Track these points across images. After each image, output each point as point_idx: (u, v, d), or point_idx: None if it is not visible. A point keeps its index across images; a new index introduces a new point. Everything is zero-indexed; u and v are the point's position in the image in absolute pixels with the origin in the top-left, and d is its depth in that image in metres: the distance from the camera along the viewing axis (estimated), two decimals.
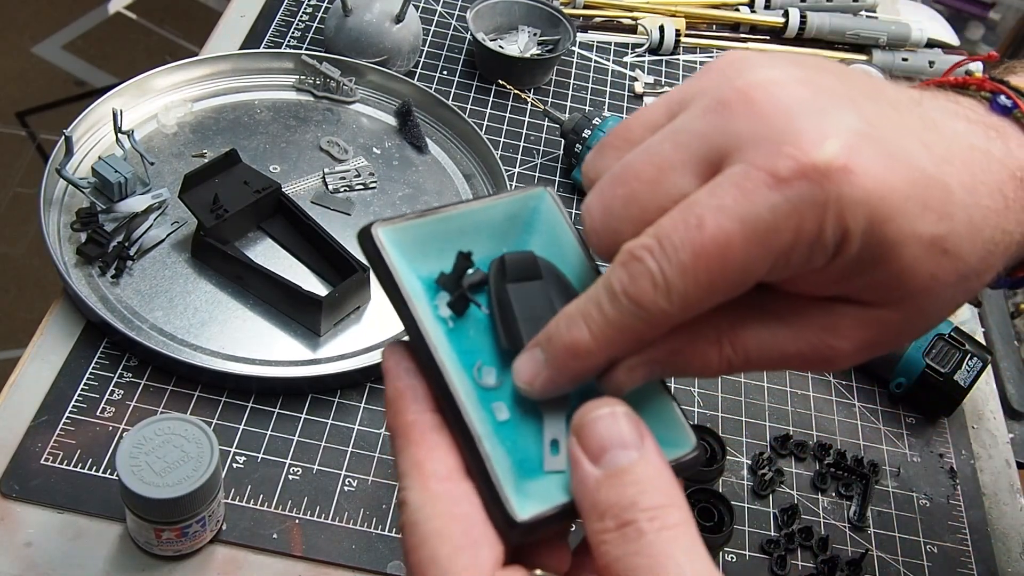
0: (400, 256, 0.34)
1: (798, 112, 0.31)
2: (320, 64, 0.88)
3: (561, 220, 0.37)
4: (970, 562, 0.69)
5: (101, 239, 0.71)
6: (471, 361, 0.34)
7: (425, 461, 0.33)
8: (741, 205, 0.30)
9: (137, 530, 0.57)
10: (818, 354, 0.34)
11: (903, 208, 0.31)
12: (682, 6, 1.11)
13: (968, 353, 0.75)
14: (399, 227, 0.34)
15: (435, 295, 0.35)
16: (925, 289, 0.33)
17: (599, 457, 0.31)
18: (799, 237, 0.30)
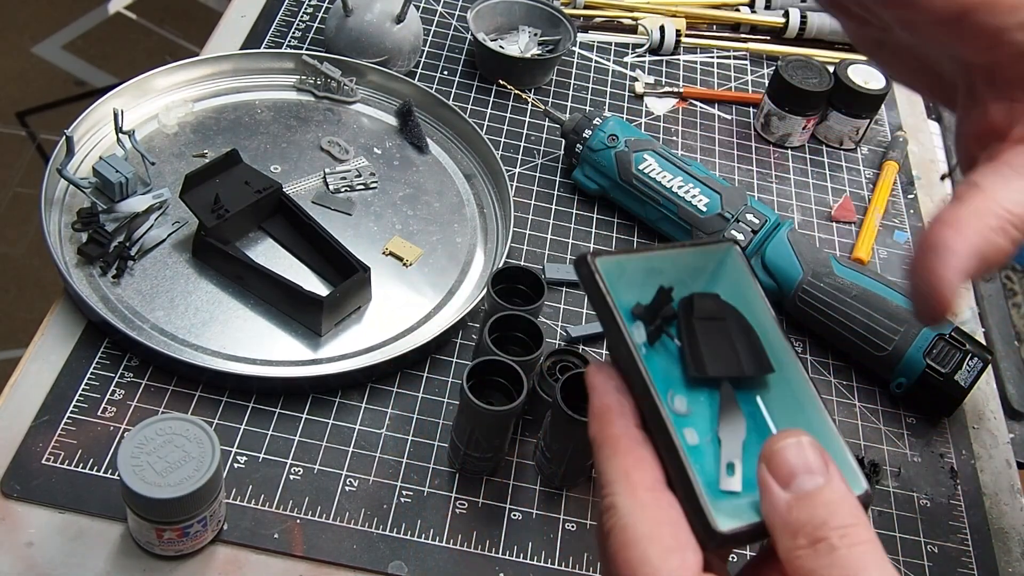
0: (611, 283, 0.38)
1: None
2: (321, 64, 0.89)
3: (745, 272, 0.41)
4: (970, 562, 0.69)
5: (102, 239, 0.71)
6: (665, 388, 0.38)
7: (633, 471, 0.36)
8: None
9: (138, 530, 0.57)
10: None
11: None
12: (682, 6, 1.11)
13: (968, 353, 0.75)
14: (612, 260, 0.39)
15: (631, 323, 0.39)
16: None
17: (788, 482, 0.34)
18: None
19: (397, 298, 0.75)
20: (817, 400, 0.39)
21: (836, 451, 0.38)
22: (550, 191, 0.88)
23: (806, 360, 0.80)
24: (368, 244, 0.78)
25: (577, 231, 0.85)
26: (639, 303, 0.39)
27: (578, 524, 0.65)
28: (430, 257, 0.78)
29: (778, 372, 0.39)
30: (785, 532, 0.33)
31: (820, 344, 0.81)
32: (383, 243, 0.78)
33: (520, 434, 0.69)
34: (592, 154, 0.86)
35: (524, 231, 0.84)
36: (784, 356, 0.40)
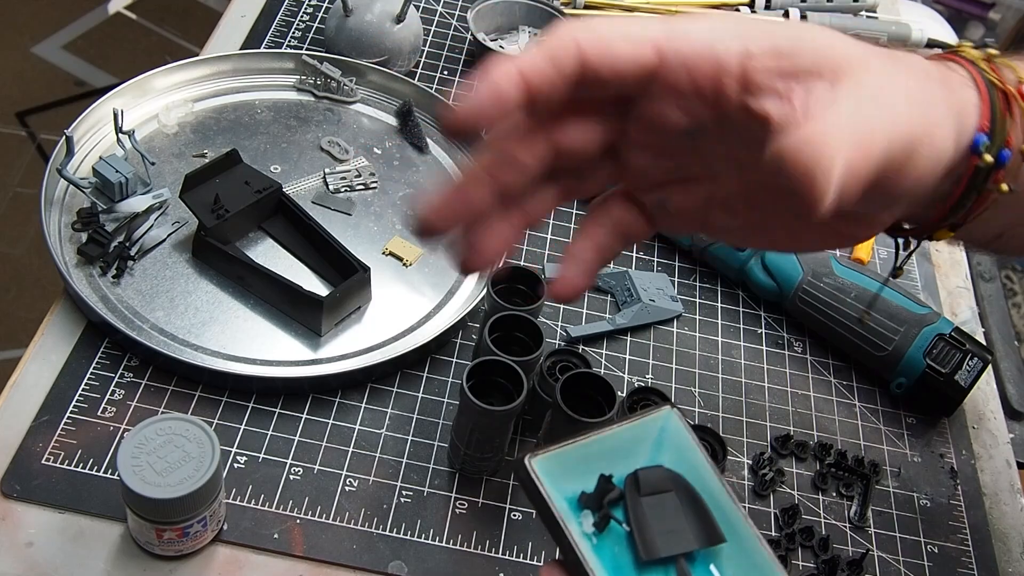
0: (550, 482, 0.39)
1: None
2: (321, 64, 0.89)
3: (686, 435, 0.41)
4: (970, 562, 0.69)
5: (102, 239, 0.71)
6: (617, 575, 0.38)
7: None
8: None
9: (138, 530, 0.57)
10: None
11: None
12: (682, 6, 1.11)
13: (968, 353, 0.75)
14: (549, 456, 0.39)
15: (578, 512, 0.39)
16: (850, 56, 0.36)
17: None
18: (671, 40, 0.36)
19: (397, 298, 0.75)
20: (773, 561, 0.39)
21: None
22: None
23: (806, 360, 0.80)
24: (368, 244, 0.78)
25: (577, 231, 0.85)
26: (584, 492, 0.39)
27: None
28: (430, 257, 0.78)
29: (730, 539, 0.39)
30: None
31: (820, 344, 0.81)
32: (383, 243, 0.78)
33: (520, 434, 0.69)
34: None
35: (524, 231, 0.84)
36: (735, 520, 0.40)
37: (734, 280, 0.83)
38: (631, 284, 0.79)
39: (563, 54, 0.35)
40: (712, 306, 0.82)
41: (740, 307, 0.82)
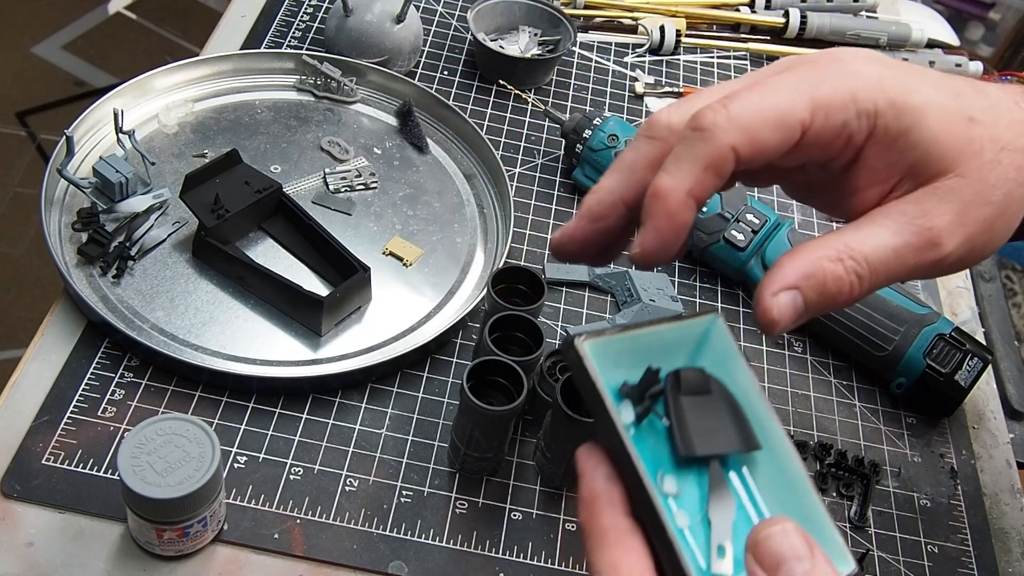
0: (598, 366, 0.38)
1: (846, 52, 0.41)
2: (321, 64, 0.89)
3: (729, 342, 0.41)
4: (971, 562, 0.69)
5: (102, 239, 0.71)
6: (654, 468, 0.38)
7: (621, 563, 0.36)
8: (789, 73, 0.39)
9: (138, 530, 0.57)
10: (922, 239, 0.39)
11: (917, 84, 0.39)
12: (682, 6, 1.11)
13: (968, 353, 0.75)
14: (598, 341, 0.39)
15: (619, 402, 0.39)
16: (967, 150, 0.39)
17: (776, 570, 0.34)
18: (834, 94, 0.38)
19: (397, 298, 0.75)
20: (803, 474, 0.39)
21: (823, 528, 0.38)
22: (550, 191, 0.88)
23: (806, 360, 0.80)
24: (368, 244, 0.78)
25: None
26: (626, 382, 0.39)
27: (578, 524, 0.65)
28: (430, 257, 0.78)
29: (765, 446, 0.40)
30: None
31: (820, 344, 0.81)
32: (383, 243, 0.78)
33: (520, 434, 0.69)
34: (592, 154, 0.86)
35: (524, 231, 0.84)
36: (770, 429, 0.40)
37: (734, 280, 0.83)
38: (631, 284, 0.79)
39: (722, 165, 0.38)
40: (712, 306, 0.82)
41: (740, 307, 0.82)
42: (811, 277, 0.38)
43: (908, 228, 0.39)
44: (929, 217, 0.39)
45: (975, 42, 2.35)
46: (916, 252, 0.39)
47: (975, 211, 0.40)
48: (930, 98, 0.40)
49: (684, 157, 0.38)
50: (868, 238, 0.39)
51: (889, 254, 0.39)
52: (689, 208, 0.38)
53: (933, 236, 0.39)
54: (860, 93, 0.39)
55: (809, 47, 1.12)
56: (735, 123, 0.38)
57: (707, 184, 0.38)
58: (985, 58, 2.24)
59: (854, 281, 0.39)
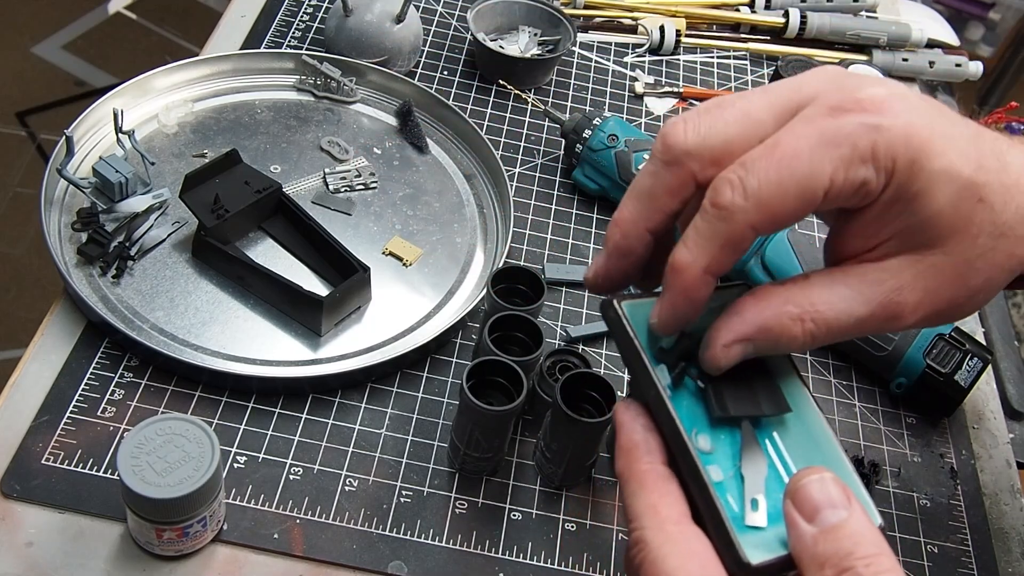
0: (636, 326, 0.41)
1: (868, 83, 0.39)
2: (321, 64, 0.89)
3: None
4: (970, 562, 0.69)
5: (102, 239, 0.71)
6: (689, 427, 0.40)
7: (660, 505, 0.38)
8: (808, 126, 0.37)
9: (138, 530, 0.57)
10: (887, 311, 0.39)
11: (943, 147, 0.37)
12: (682, 6, 1.11)
13: (968, 353, 0.75)
14: (635, 303, 0.41)
15: (656, 364, 0.41)
16: (965, 231, 0.38)
17: (813, 516, 0.35)
18: (854, 152, 0.37)
19: (397, 298, 0.75)
20: (832, 438, 0.41)
21: (852, 487, 0.39)
22: (550, 191, 0.88)
23: (806, 360, 0.80)
24: (368, 244, 0.78)
25: (577, 231, 0.85)
26: (662, 346, 0.41)
27: (578, 524, 0.65)
28: (430, 257, 0.78)
29: (795, 411, 0.41)
30: (813, 564, 0.35)
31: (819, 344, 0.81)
32: (383, 243, 0.78)
33: (520, 434, 0.69)
34: (592, 154, 0.86)
35: (524, 231, 0.84)
36: (799, 395, 0.42)
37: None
38: None
39: (741, 242, 0.38)
40: None
41: None
42: (768, 332, 0.38)
43: (877, 299, 0.39)
44: (902, 292, 0.39)
45: (975, 42, 2.35)
46: (878, 323, 0.39)
47: (949, 292, 0.40)
48: (950, 166, 0.38)
49: (703, 235, 0.38)
50: (836, 302, 0.39)
51: (851, 322, 0.39)
52: (706, 284, 0.38)
53: (899, 310, 0.39)
54: (882, 149, 0.37)
55: (809, 47, 1.12)
56: (754, 202, 0.37)
57: (724, 261, 0.38)
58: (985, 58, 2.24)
59: (807, 340, 0.39)
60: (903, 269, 0.39)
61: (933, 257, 0.39)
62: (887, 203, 0.38)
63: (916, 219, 0.38)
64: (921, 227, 0.39)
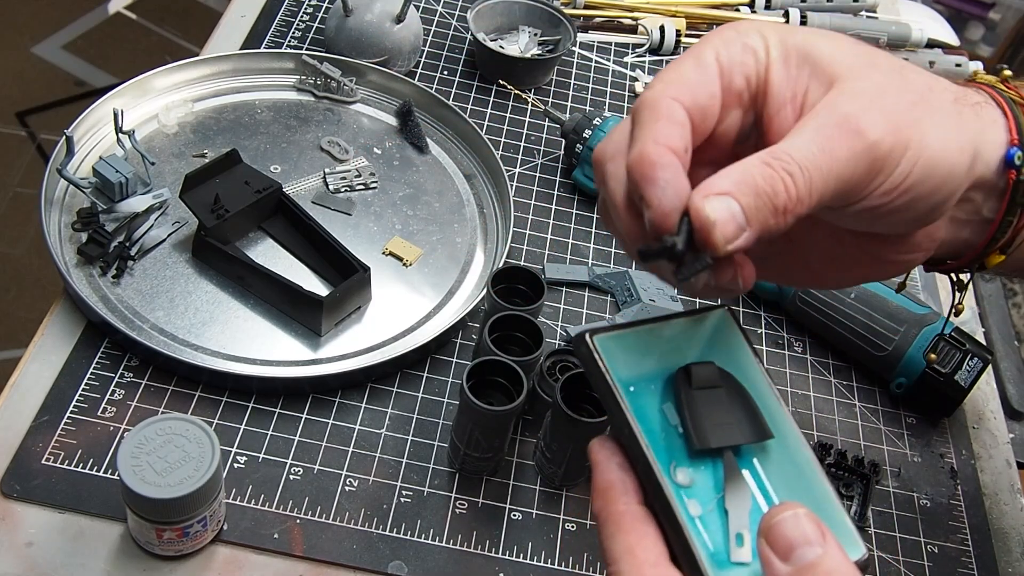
0: (609, 361, 0.39)
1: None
2: (321, 64, 0.89)
3: (738, 336, 0.42)
4: (971, 562, 0.69)
5: (102, 239, 0.71)
6: (667, 460, 0.39)
7: (636, 548, 0.37)
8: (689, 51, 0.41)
9: (138, 530, 0.57)
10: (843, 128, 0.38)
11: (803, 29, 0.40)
12: (682, 6, 1.11)
13: (968, 353, 0.75)
14: (609, 336, 0.40)
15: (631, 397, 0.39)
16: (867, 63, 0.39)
17: (788, 555, 0.34)
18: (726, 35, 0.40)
19: (397, 298, 0.75)
20: (814, 462, 0.40)
21: (834, 514, 0.38)
22: (550, 191, 0.88)
23: (806, 360, 0.80)
24: (368, 244, 0.78)
25: (577, 231, 0.85)
26: (638, 376, 0.40)
27: (578, 524, 0.65)
28: (430, 257, 0.78)
29: (776, 437, 0.40)
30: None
31: (820, 344, 0.81)
32: (383, 243, 0.78)
33: (520, 434, 0.69)
34: (592, 154, 0.85)
35: (524, 231, 0.84)
36: (780, 419, 0.40)
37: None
38: (631, 284, 0.79)
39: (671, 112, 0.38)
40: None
41: (740, 307, 0.82)
42: (740, 182, 0.36)
43: (826, 123, 0.38)
44: (842, 110, 0.38)
45: (975, 42, 2.35)
46: (840, 142, 0.37)
47: (889, 102, 0.38)
48: (811, 29, 0.40)
49: (636, 130, 0.38)
50: (790, 141, 0.38)
51: (815, 150, 0.37)
52: (665, 152, 0.37)
53: (852, 124, 0.37)
54: (741, 28, 0.40)
55: None
56: (660, 81, 0.39)
57: (670, 132, 0.37)
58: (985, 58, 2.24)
59: (787, 180, 0.36)
60: (835, 97, 0.38)
61: (852, 82, 0.38)
62: (780, 58, 0.39)
63: (814, 60, 0.39)
64: (823, 64, 0.39)
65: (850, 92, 0.38)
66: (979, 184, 0.42)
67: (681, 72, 0.39)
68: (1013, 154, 0.42)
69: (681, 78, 0.39)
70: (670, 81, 0.39)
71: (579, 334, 0.40)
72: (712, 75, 0.39)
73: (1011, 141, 0.42)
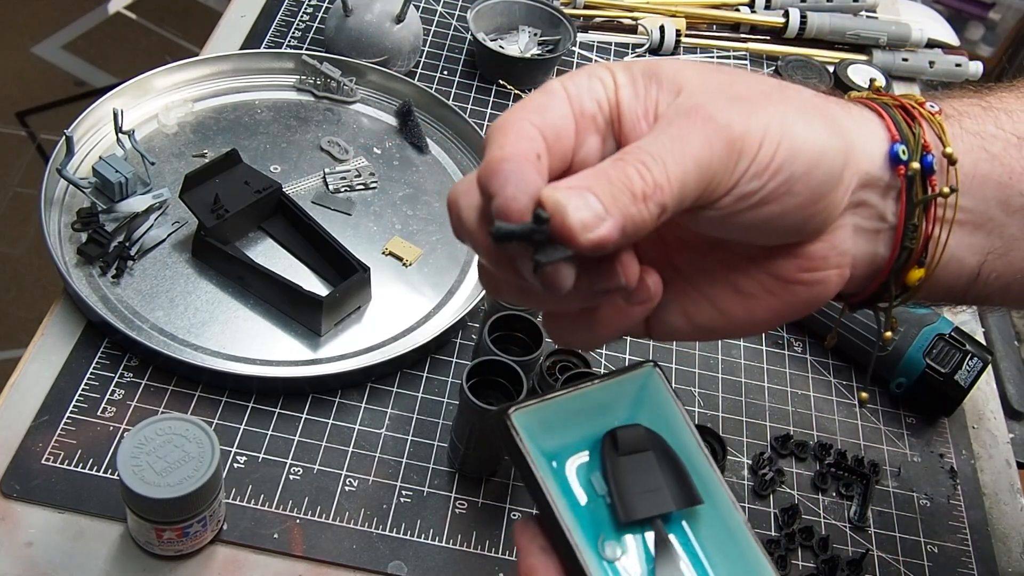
0: (528, 437, 0.38)
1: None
2: (320, 64, 0.89)
3: (665, 393, 0.40)
4: (970, 562, 0.69)
5: (102, 239, 0.71)
6: (595, 534, 0.37)
7: None
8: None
9: (138, 530, 0.57)
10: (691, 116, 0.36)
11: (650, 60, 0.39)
12: (682, 6, 1.11)
13: (968, 353, 0.75)
14: (530, 410, 0.38)
15: (553, 468, 0.38)
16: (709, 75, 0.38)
17: None
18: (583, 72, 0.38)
19: (397, 298, 0.75)
20: (745, 526, 0.38)
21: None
22: None
23: (806, 360, 0.80)
24: (368, 244, 0.78)
25: None
26: (563, 447, 0.39)
27: None
28: (430, 257, 0.78)
29: (706, 500, 0.39)
30: None
31: (820, 344, 0.81)
32: (383, 243, 0.78)
33: None
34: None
35: None
36: (710, 481, 0.39)
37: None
38: None
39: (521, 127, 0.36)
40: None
41: None
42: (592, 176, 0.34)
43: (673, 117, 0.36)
44: (688, 104, 0.36)
45: (975, 42, 2.35)
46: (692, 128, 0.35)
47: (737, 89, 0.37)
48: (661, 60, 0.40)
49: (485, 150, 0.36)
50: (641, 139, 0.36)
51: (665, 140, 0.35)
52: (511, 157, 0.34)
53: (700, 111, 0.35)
54: (588, 67, 0.39)
55: (809, 47, 1.12)
56: (509, 111, 0.37)
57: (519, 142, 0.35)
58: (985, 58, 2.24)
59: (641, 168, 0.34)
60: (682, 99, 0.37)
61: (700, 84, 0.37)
62: (628, 81, 0.38)
63: (662, 76, 0.38)
64: (672, 79, 0.38)
65: (696, 90, 0.37)
66: (869, 182, 0.40)
67: (528, 99, 0.37)
68: (896, 149, 0.40)
69: (529, 104, 0.37)
70: (518, 108, 0.37)
71: (497, 411, 0.39)
72: (561, 99, 0.37)
73: (891, 137, 0.40)
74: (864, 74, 1.02)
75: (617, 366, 0.75)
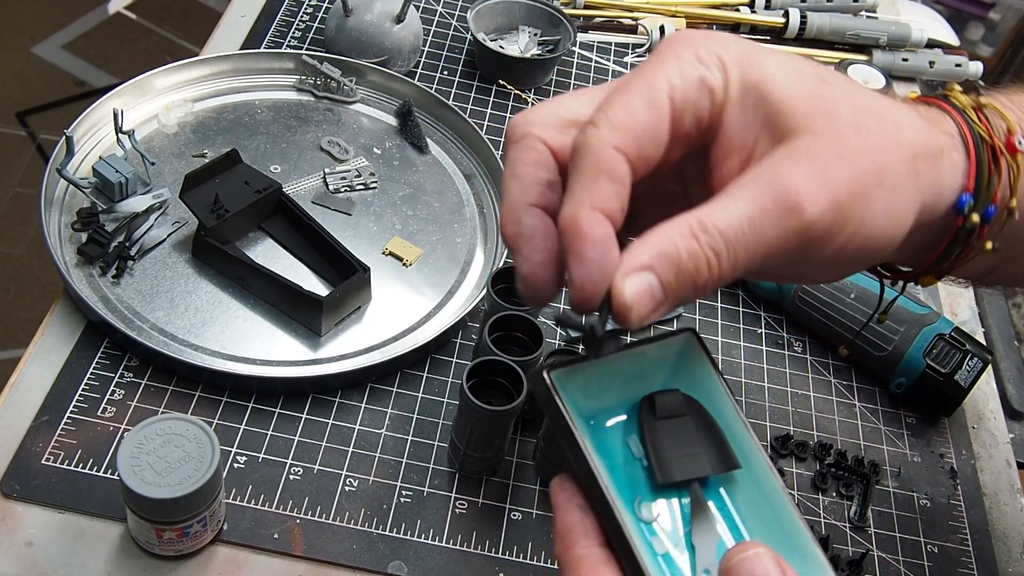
0: (567, 397, 0.38)
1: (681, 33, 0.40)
2: (321, 64, 0.89)
3: (704, 361, 0.40)
4: (970, 562, 0.69)
5: (102, 239, 0.71)
6: (632, 496, 0.37)
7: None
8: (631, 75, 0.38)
9: (138, 530, 0.57)
10: (780, 203, 0.36)
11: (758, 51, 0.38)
12: (682, 6, 1.11)
13: (968, 353, 0.75)
14: (567, 371, 0.39)
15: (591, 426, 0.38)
16: (823, 109, 0.37)
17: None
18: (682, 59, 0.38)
19: (397, 298, 0.75)
20: (782, 490, 0.38)
21: (803, 544, 0.37)
22: None
23: (806, 360, 0.80)
24: (368, 244, 0.78)
25: None
26: (600, 409, 0.39)
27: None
28: (430, 257, 0.78)
29: (744, 465, 0.39)
30: None
31: (820, 344, 0.81)
32: (383, 243, 0.78)
33: (520, 434, 0.69)
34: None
35: None
36: (748, 447, 0.39)
37: (734, 280, 0.83)
38: None
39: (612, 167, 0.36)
40: (712, 306, 0.82)
41: (740, 307, 0.82)
42: (664, 256, 0.35)
43: (762, 194, 0.35)
44: (783, 180, 0.36)
45: (975, 42, 2.35)
46: (774, 219, 0.35)
47: (837, 173, 0.36)
48: (775, 59, 0.38)
49: (578, 174, 0.36)
50: (721, 210, 0.35)
51: (744, 224, 0.35)
52: (600, 222, 0.36)
53: (790, 199, 0.35)
54: (704, 53, 0.38)
55: (809, 47, 1.12)
56: (607, 124, 0.36)
57: (608, 194, 0.36)
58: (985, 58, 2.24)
59: (711, 257, 0.35)
60: (778, 162, 0.36)
61: (802, 140, 0.36)
62: (737, 100, 0.37)
63: (768, 107, 0.37)
64: (777, 114, 0.37)
65: (796, 156, 0.36)
66: (922, 226, 0.40)
67: (630, 111, 0.37)
68: (965, 201, 0.40)
69: (629, 123, 0.37)
70: (617, 125, 0.36)
71: (535, 370, 0.39)
72: (663, 117, 0.37)
73: (966, 187, 0.41)
74: (864, 74, 1.02)
75: None
